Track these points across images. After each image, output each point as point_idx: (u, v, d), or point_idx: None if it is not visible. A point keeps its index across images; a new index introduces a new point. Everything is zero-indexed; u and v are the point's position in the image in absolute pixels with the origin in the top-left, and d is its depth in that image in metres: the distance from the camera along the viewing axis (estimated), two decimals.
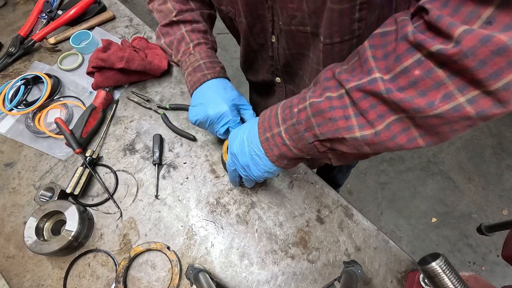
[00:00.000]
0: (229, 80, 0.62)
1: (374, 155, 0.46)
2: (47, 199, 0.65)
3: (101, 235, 0.63)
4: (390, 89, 0.30)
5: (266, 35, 0.60)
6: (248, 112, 0.60)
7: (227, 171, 0.64)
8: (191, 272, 0.53)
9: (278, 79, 0.70)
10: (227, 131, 0.58)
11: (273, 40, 0.59)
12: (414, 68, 0.29)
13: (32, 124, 0.75)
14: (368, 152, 0.37)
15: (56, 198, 0.64)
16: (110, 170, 0.70)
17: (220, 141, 0.72)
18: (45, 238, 0.59)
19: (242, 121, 0.60)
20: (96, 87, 0.77)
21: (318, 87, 0.40)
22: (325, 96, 0.37)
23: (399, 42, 0.30)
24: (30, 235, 0.57)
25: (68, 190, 0.63)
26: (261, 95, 0.88)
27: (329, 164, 0.48)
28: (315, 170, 1.34)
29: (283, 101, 0.46)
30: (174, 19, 0.62)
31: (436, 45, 0.26)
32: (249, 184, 0.57)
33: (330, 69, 0.39)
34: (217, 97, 0.57)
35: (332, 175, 1.30)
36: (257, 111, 0.61)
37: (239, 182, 0.61)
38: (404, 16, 0.31)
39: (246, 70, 0.79)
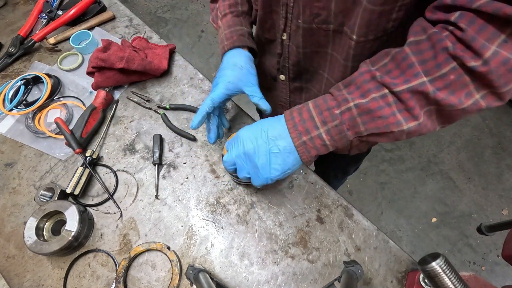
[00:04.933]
0: (247, 46, 0.62)
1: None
2: (47, 199, 0.65)
3: (101, 235, 0.63)
4: (435, 90, 0.38)
5: (276, 32, 0.60)
6: (252, 89, 0.59)
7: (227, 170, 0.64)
8: (191, 272, 0.53)
9: (282, 77, 0.69)
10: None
11: (284, 38, 0.59)
12: (450, 73, 0.37)
13: (32, 124, 0.75)
14: (400, 140, 0.44)
15: (56, 198, 0.64)
16: (110, 170, 0.70)
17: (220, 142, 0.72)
18: (45, 238, 0.59)
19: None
20: (96, 87, 0.77)
21: (356, 89, 0.43)
22: (371, 97, 0.41)
23: (439, 53, 0.37)
24: (30, 235, 0.57)
25: (68, 190, 0.64)
26: (261, 87, 0.87)
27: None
28: (313, 167, 1.34)
29: (310, 103, 0.47)
30: None
31: (472, 63, 0.35)
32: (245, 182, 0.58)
33: (367, 71, 0.43)
34: (228, 72, 0.59)
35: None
36: None
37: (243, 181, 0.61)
38: (434, 29, 0.38)
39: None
